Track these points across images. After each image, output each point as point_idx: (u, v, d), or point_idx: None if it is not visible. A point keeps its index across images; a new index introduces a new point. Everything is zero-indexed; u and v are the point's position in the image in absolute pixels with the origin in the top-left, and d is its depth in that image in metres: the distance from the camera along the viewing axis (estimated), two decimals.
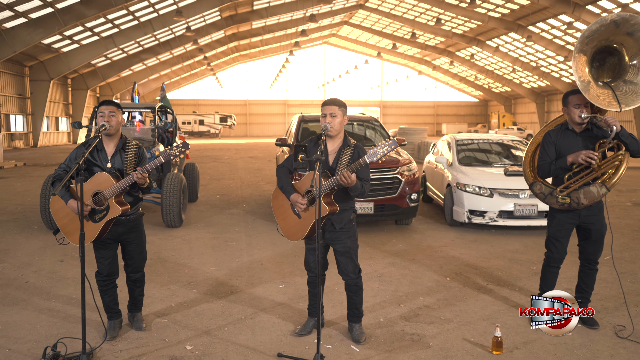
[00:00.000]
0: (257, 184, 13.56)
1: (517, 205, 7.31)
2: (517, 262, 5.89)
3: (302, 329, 3.87)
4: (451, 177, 8.10)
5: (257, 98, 64.03)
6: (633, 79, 3.74)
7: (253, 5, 38.27)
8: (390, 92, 64.58)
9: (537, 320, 3.52)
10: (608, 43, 3.76)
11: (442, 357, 3.46)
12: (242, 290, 4.86)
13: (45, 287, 4.94)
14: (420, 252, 6.38)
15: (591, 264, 4.05)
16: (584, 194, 3.77)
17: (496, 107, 62.68)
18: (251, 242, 6.93)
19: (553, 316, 3.49)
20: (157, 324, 4.05)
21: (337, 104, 3.67)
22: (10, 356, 3.47)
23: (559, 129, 3.96)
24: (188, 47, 43.85)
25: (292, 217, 3.69)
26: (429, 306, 4.45)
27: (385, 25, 48.68)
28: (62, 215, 3.65)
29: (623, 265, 5.75)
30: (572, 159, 3.78)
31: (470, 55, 49.36)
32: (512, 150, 9.06)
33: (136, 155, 3.72)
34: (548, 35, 38.11)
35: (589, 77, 3.73)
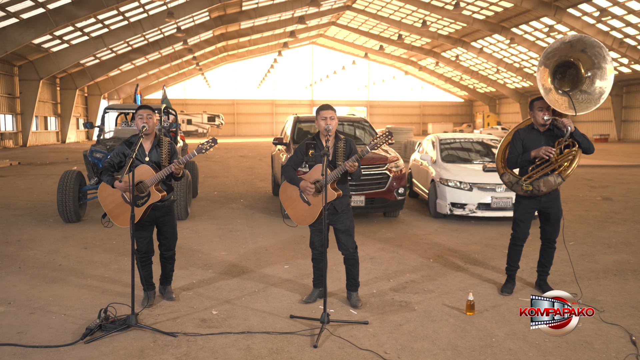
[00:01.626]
0: (251, 182, 14.22)
1: (494, 198, 8.10)
2: (492, 247, 6.67)
3: (308, 297, 4.60)
4: (435, 173, 8.86)
5: (244, 98, 64.50)
6: (587, 89, 4.51)
7: (242, 6, 38.82)
8: (377, 92, 65.48)
9: (537, 320, 3.51)
10: (567, 58, 4.53)
11: (425, 318, 4.21)
12: (253, 270, 5.57)
13: (78, 269, 5.60)
14: (407, 240, 7.13)
15: (550, 243, 4.82)
16: (543, 183, 4.54)
17: (481, 107, 63.90)
18: (254, 232, 7.63)
19: (553, 316, 3.48)
20: (184, 295, 4.74)
21: (334, 109, 4.42)
22: (67, 319, 4.14)
23: (527, 128, 4.73)
24: (177, 47, 44.27)
25: (301, 205, 4.41)
26: (414, 281, 5.20)
27: (372, 26, 49.51)
28: (109, 201, 4.33)
29: (584, 248, 6.56)
30: (535, 153, 4.55)
31: (456, 56, 50.40)
32: (490, 148, 9.86)
33: (169, 150, 4.42)
34: (531, 37, 39.24)
35: (551, 86, 4.49)
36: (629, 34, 33.63)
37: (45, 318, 4.17)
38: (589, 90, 4.56)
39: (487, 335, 3.85)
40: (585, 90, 4.58)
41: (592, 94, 4.54)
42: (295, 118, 9.95)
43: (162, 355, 3.51)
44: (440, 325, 4.04)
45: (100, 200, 4.38)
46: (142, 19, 32.87)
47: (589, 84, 4.57)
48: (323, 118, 4.35)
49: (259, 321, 4.12)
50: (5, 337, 3.79)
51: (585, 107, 4.53)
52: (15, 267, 5.68)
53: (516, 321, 4.14)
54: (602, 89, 4.47)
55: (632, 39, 34.15)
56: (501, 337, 3.83)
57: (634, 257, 6.17)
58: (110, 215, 4.36)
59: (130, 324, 3.88)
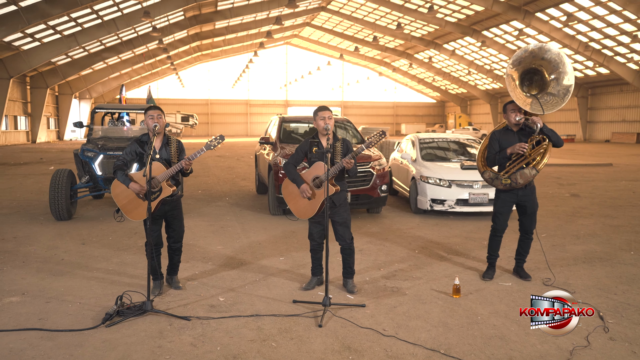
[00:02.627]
0: (233, 181, 14.48)
1: (471, 194, 8.59)
2: (471, 240, 7.14)
3: (307, 285, 4.95)
4: (415, 171, 9.31)
5: (219, 98, 64.33)
6: (553, 91, 4.99)
7: (217, 5, 38.85)
8: (352, 92, 66.14)
9: (537, 321, 3.52)
10: (532, 65, 5.01)
11: (417, 301, 4.61)
12: (250, 262, 5.89)
13: (81, 263, 5.82)
14: (392, 233, 7.55)
15: (527, 234, 5.29)
16: (520, 175, 5.00)
17: (453, 108, 65.18)
18: (245, 227, 7.93)
19: (553, 316, 3.50)
20: (189, 285, 5.04)
21: (331, 111, 4.80)
22: (83, 307, 4.40)
23: (502, 130, 5.19)
24: (150, 46, 43.97)
25: (302, 200, 4.76)
26: (402, 269, 5.61)
27: (346, 27, 50.08)
28: (122, 197, 4.60)
29: (556, 240, 7.09)
30: (510, 150, 5.01)
31: (429, 58, 51.34)
32: (467, 147, 10.38)
33: (177, 148, 4.71)
34: (501, 40, 40.38)
35: (520, 90, 4.96)
36: (593, 38, 34.97)
37: (62, 306, 4.42)
38: (554, 91, 5.05)
39: (473, 314, 4.28)
40: (551, 92, 5.07)
41: (558, 94, 5.04)
42: (280, 118, 10.28)
43: (180, 337, 3.82)
44: (430, 307, 4.45)
45: (114, 196, 4.64)
46: (116, 17, 32.62)
47: (554, 86, 5.05)
48: (322, 118, 4.72)
49: (264, 306, 4.45)
50: (28, 323, 4.04)
51: (552, 107, 5.02)
52: (19, 261, 5.86)
53: (498, 302, 4.57)
54: (566, 89, 4.97)
55: (596, 43, 35.51)
56: (485, 316, 4.25)
57: (600, 247, 6.72)
58: (124, 210, 4.63)
59: (147, 309, 4.17)
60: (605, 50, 36.11)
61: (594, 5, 30.38)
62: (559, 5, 31.60)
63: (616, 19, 31.24)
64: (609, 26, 32.52)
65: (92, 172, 8.55)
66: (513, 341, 3.75)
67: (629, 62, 36.90)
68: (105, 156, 8.49)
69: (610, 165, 19.71)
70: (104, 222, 8.32)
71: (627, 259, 6.07)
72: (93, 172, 8.52)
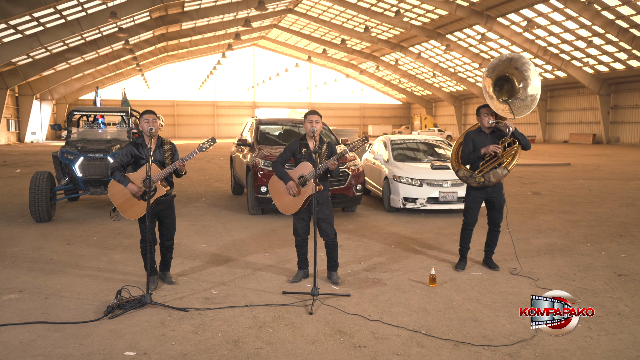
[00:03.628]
0: (207, 182, 14.64)
1: (441, 193, 9.06)
2: (442, 235, 7.59)
3: (294, 278, 5.28)
4: (388, 171, 9.74)
5: (185, 99, 63.76)
6: (522, 97, 5.48)
7: (184, 6, 38.65)
8: (319, 94, 66.61)
9: (537, 321, 3.52)
10: (504, 73, 5.48)
11: (396, 290, 4.99)
12: (236, 259, 6.17)
13: (71, 262, 5.99)
14: (368, 230, 7.94)
15: (495, 227, 5.75)
16: (493, 174, 5.45)
17: (418, 110, 66.44)
18: (226, 226, 8.18)
19: (553, 316, 3.51)
20: (181, 280, 5.29)
21: (319, 115, 5.12)
22: (83, 301, 4.61)
23: (476, 131, 5.63)
24: (115, 47, 43.35)
25: (287, 197, 5.09)
26: (381, 262, 6.00)
27: (314, 29, 50.48)
28: (118, 197, 4.82)
29: (519, 234, 7.61)
30: (484, 150, 5.45)
31: (395, 61, 52.24)
32: (435, 148, 10.89)
33: (170, 150, 4.96)
34: (464, 43, 41.50)
35: (493, 95, 5.42)
36: (552, 43, 36.38)
37: (61, 301, 4.61)
38: (522, 98, 5.54)
39: (449, 300, 4.69)
40: (520, 98, 5.55)
41: (526, 100, 5.52)
42: (257, 121, 10.55)
43: (181, 326, 4.08)
44: (409, 295, 4.84)
45: (110, 196, 4.86)
46: (81, 17, 32.09)
47: (522, 93, 5.54)
48: (309, 121, 5.05)
49: (256, 297, 4.75)
50: (32, 317, 4.23)
51: (521, 112, 5.51)
52: (7, 261, 5.98)
53: (470, 289, 5.00)
54: (533, 97, 5.47)
55: (555, 48, 36.95)
56: (460, 301, 4.67)
57: (560, 240, 7.27)
58: (120, 209, 4.85)
59: (146, 302, 4.41)
60: (563, 54, 37.61)
61: (552, 12, 31.65)
62: (519, 11, 32.77)
63: (573, 24, 32.62)
64: (566, 31, 33.91)
65: (72, 174, 8.64)
66: (485, 322, 4.17)
67: (585, 66, 38.52)
68: (86, 158, 8.60)
69: (569, 165, 20.69)
70: (84, 223, 8.42)
71: (584, 250, 6.62)
72: (73, 174, 8.61)
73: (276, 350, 3.65)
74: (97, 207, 9.96)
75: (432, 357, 3.56)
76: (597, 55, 36.10)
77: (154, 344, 3.73)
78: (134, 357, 3.53)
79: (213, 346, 3.71)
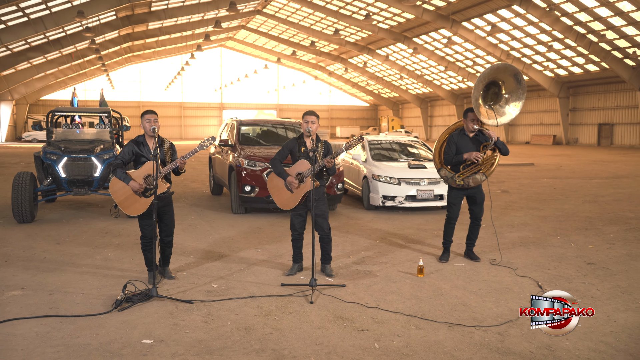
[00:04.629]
0: (183, 183, 14.67)
1: (419, 191, 9.45)
2: (423, 230, 7.97)
3: (290, 271, 5.53)
4: (367, 171, 10.08)
5: (151, 100, 62.88)
6: (504, 105, 5.89)
7: (151, 6, 38.25)
8: (287, 96, 66.78)
9: (537, 321, 3.53)
10: (494, 79, 5.87)
11: (388, 280, 5.30)
12: (229, 255, 6.37)
13: (66, 260, 6.07)
14: (351, 227, 8.24)
15: (477, 221, 6.13)
16: (472, 180, 5.83)
17: (385, 112, 67.40)
18: (212, 225, 8.35)
19: (553, 316, 3.51)
20: (180, 275, 5.46)
21: (315, 115, 5.39)
22: (89, 296, 4.74)
23: (459, 133, 5.98)
24: (79, 46, 42.49)
25: (285, 192, 5.34)
26: (369, 256, 6.31)
27: (282, 31, 50.65)
28: (119, 194, 4.97)
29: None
30: (467, 156, 5.81)
31: (364, 63, 52.92)
32: (410, 148, 11.31)
33: (170, 148, 5.14)
34: (430, 47, 42.45)
35: (481, 101, 5.82)
36: (514, 47, 37.63)
37: (67, 297, 4.73)
38: (504, 107, 5.97)
39: (438, 289, 5.02)
40: (502, 106, 5.97)
41: (507, 110, 5.95)
42: (237, 122, 10.72)
43: (189, 316, 4.28)
44: (400, 285, 5.16)
45: (112, 193, 5.00)
46: (44, 16, 31.38)
47: (505, 102, 5.97)
48: (306, 122, 5.31)
49: (256, 289, 4.98)
50: (41, 312, 4.34)
51: (504, 120, 5.96)
52: (1, 261, 6.01)
53: (456, 279, 5.36)
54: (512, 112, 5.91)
55: (517, 52, 38.22)
56: (448, 289, 5.01)
57: (532, 233, 7.74)
58: (121, 206, 5.00)
59: (152, 295, 4.59)
60: (525, 58, 38.92)
61: (514, 17, 32.79)
62: (483, 16, 33.81)
63: (534, 30, 33.85)
64: (528, 36, 35.15)
65: (55, 174, 8.63)
66: (474, 307, 4.52)
67: (545, 69, 40.00)
68: (70, 159, 8.61)
69: (533, 165, 21.54)
70: (68, 223, 8.43)
71: (555, 243, 7.09)
72: (57, 175, 8.60)
73: (286, 335, 3.89)
74: (77, 208, 9.95)
75: (430, 337, 3.87)
76: (556, 59, 37.54)
77: (168, 333, 3.92)
78: (152, 344, 3.72)
79: (225, 333, 3.93)
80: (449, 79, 49.44)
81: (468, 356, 3.55)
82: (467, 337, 3.86)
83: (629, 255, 6.38)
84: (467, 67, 43.83)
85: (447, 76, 48.65)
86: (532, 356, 3.54)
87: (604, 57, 33.24)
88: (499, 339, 3.83)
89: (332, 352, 3.61)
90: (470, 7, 33.21)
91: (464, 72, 44.28)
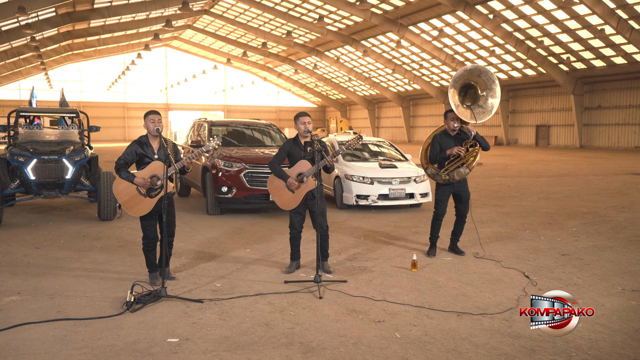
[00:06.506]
0: None
1: (391, 190, 9.76)
2: (401, 228, 8.26)
3: (288, 269, 5.64)
4: (339, 171, 10.29)
5: (92, 100, 60.67)
6: (483, 104, 6.24)
7: (94, 3, 36.96)
8: (235, 97, 66.17)
9: (537, 320, 3.54)
10: (469, 81, 6.21)
11: (385, 275, 5.52)
12: (221, 255, 6.39)
13: (52, 264, 5.90)
14: (331, 226, 8.38)
15: (462, 217, 6.46)
16: (457, 173, 6.15)
17: (333, 113, 68.08)
18: (191, 227, 8.29)
19: (553, 316, 3.53)
20: (179, 276, 5.45)
21: (310, 116, 5.53)
22: (93, 299, 4.66)
23: (442, 134, 6.29)
24: (14, 44, 40.44)
25: (287, 193, 5.45)
26: (359, 253, 6.51)
27: (230, 31, 50.19)
28: (123, 194, 4.91)
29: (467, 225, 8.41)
30: (449, 152, 6.13)
31: (314, 65, 53.26)
32: (380, 148, 11.62)
33: (173, 149, 5.13)
34: (378, 49, 43.34)
35: (458, 102, 6.13)
36: (458, 51, 39.08)
37: (70, 300, 4.64)
38: (484, 105, 6.31)
39: (434, 282, 5.29)
40: (482, 105, 6.32)
41: (486, 107, 6.30)
42: (209, 123, 10.68)
43: (204, 315, 4.31)
44: (398, 279, 5.38)
45: (115, 194, 4.94)
46: None
47: (484, 101, 6.31)
48: (302, 123, 5.44)
49: (262, 287, 5.06)
50: (50, 315, 4.25)
51: (482, 117, 6.27)
52: None
53: (448, 272, 5.65)
54: (493, 104, 6.25)
55: (460, 56, 39.71)
56: (444, 281, 5.29)
57: (502, 228, 8.20)
58: (125, 206, 4.94)
59: (162, 295, 4.58)
60: (468, 62, 40.53)
61: (458, 22, 34.10)
62: (429, 21, 34.94)
63: (476, 35, 35.34)
64: (471, 41, 36.64)
65: (23, 176, 8.30)
66: (473, 297, 4.81)
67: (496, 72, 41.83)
68: (40, 160, 8.30)
69: (481, 165, 22.50)
70: (38, 227, 8.14)
71: (527, 237, 7.56)
72: (25, 177, 8.27)
73: (308, 329, 4.02)
74: (42, 212, 9.59)
75: (444, 325, 4.11)
76: (497, 63, 39.30)
77: (191, 331, 3.95)
78: (178, 342, 3.75)
79: (248, 329, 4.00)
80: (395, 82, 50.64)
81: (485, 341, 3.81)
82: (478, 324, 4.13)
83: (595, 246, 6.90)
84: (414, 70, 45.08)
85: (394, 79, 49.82)
86: (541, 339, 3.83)
87: (541, 62, 35.14)
88: (507, 325, 4.12)
89: (359, 343, 3.77)
90: (417, 12, 34.23)
91: (410, 74, 45.51)
